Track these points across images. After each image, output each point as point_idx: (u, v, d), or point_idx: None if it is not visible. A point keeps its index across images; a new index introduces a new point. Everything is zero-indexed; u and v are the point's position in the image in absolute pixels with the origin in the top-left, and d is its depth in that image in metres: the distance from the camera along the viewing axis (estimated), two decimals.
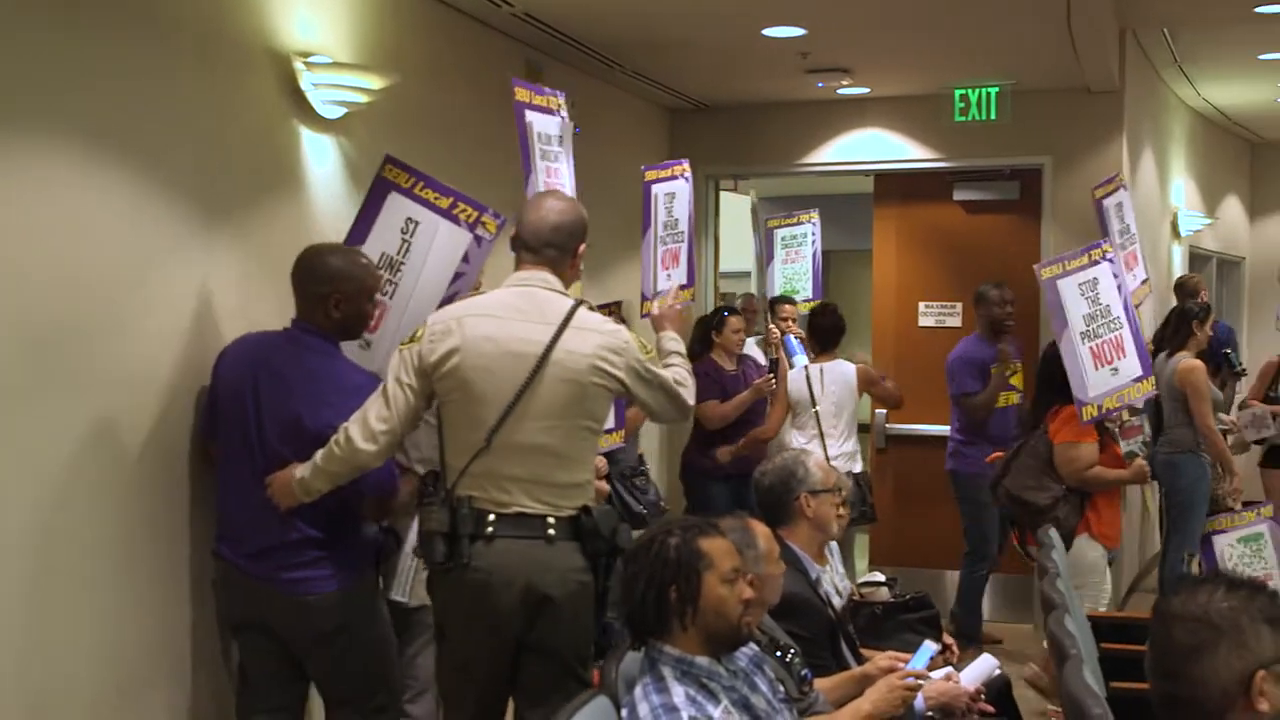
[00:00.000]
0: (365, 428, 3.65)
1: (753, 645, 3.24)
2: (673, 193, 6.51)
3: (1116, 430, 5.98)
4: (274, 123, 4.69)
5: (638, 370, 3.75)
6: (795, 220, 8.58)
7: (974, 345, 7.53)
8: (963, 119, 8.06)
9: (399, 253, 4.45)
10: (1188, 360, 7.44)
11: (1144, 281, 7.36)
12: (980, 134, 8.16)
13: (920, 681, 3.67)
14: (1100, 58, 7.29)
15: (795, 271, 8.54)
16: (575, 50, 6.99)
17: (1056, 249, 8.09)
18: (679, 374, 3.91)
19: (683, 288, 6.71)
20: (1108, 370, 5.86)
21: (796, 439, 6.92)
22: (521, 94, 4.72)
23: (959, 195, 8.61)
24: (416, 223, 4.45)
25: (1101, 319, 5.98)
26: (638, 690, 2.93)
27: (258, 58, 4.59)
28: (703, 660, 2.99)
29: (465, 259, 4.44)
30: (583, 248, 3.89)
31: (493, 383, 3.60)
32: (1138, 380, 5.91)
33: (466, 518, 3.59)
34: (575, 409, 3.65)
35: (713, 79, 8.11)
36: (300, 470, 3.76)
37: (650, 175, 6.35)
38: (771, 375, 7.20)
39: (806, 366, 7.11)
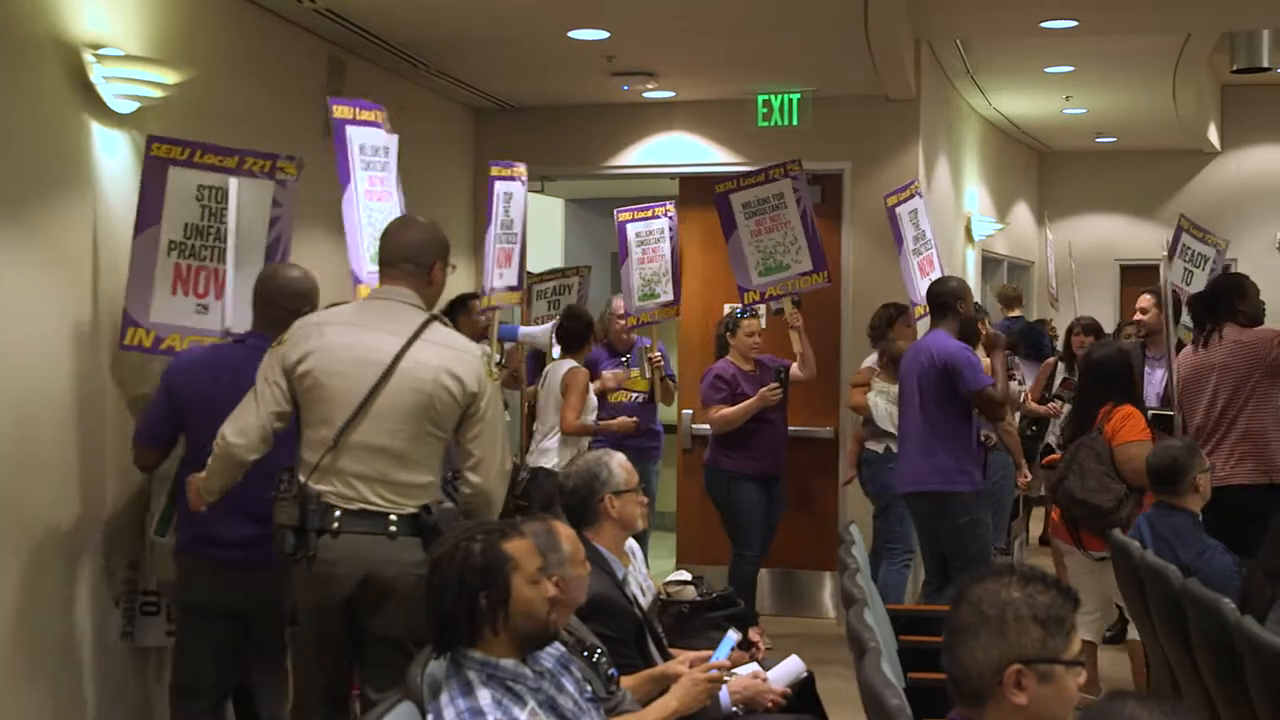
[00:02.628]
0: (236, 424, 3.85)
1: (559, 646, 3.24)
2: (510, 193, 6.52)
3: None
4: (62, 116, 4.53)
5: (488, 389, 3.97)
6: (650, 214, 7.88)
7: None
8: (766, 124, 8.23)
9: (203, 218, 4.70)
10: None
11: None
12: (783, 139, 8.28)
13: (723, 675, 3.71)
14: (896, 67, 7.49)
15: (654, 272, 7.82)
16: (379, 48, 6.91)
17: (856, 253, 8.31)
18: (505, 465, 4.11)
19: (511, 289, 6.72)
20: None
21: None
22: (341, 111, 5.05)
23: None
24: (211, 188, 4.69)
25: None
26: (443, 696, 2.90)
27: (44, 48, 4.42)
28: (508, 663, 2.97)
29: (276, 203, 4.80)
30: (440, 265, 4.06)
31: (343, 385, 3.82)
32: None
33: (314, 513, 3.80)
34: (420, 415, 3.87)
35: (519, 80, 8.09)
36: (202, 473, 3.97)
37: (494, 171, 6.38)
38: (777, 386, 6.97)
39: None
